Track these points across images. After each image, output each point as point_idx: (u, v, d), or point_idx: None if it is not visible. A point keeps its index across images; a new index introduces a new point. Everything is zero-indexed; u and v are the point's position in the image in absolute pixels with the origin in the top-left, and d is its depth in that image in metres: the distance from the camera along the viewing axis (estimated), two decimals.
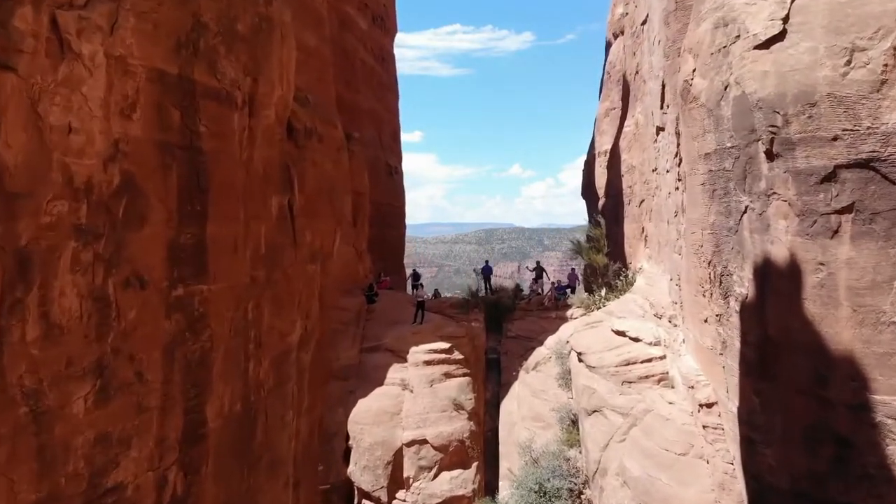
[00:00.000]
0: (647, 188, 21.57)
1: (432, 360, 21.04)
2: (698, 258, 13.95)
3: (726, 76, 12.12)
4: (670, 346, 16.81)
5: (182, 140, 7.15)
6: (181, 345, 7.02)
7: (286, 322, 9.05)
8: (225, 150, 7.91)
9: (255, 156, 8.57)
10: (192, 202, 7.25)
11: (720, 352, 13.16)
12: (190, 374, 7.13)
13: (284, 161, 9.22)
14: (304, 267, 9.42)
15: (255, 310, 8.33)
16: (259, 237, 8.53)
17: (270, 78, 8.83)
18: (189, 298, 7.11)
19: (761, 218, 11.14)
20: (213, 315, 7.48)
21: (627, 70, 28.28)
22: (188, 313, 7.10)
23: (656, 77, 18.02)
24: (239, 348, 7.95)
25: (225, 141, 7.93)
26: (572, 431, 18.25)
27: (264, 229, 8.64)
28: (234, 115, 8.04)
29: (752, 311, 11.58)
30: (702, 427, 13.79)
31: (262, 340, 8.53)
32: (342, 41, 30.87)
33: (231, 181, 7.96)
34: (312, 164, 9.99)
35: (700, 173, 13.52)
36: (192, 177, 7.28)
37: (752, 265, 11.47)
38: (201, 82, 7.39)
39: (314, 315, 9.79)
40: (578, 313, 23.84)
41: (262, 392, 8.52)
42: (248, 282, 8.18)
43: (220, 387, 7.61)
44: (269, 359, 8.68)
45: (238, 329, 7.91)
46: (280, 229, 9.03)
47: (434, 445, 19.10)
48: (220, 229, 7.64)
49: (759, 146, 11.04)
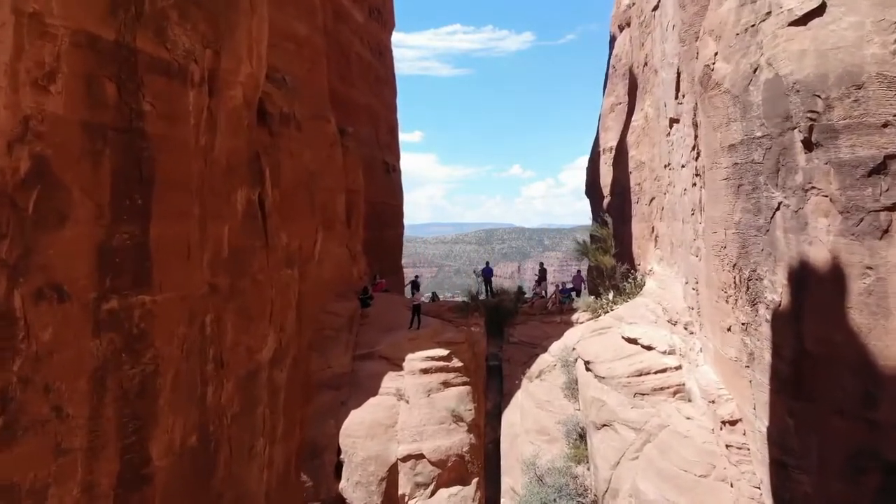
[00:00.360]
0: (657, 185, 20.30)
1: (430, 369, 19.79)
2: (721, 261, 12.71)
3: (755, 58, 10.90)
4: (686, 355, 15.55)
5: (119, 121, 5.89)
6: (115, 370, 5.76)
7: (255, 337, 7.79)
8: (176, 135, 6.65)
9: (216, 143, 7.31)
10: (131, 196, 5.99)
11: (746, 364, 11.92)
12: (127, 406, 5.87)
13: (254, 150, 7.96)
14: (277, 272, 8.17)
15: (215, 324, 7.07)
16: (221, 238, 7.27)
17: (236, 52, 7.57)
18: (126, 313, 5.85)
19: (797, 216, 9.95)
20: (159, 332, 6.22)
21: (634, 62, 27.07)
22: (124, 331, 5.84)
23: (670, 65, 16.77)
24: (193, 370, 6.69)
25: (176, 124, 6.67)
26: (580, 446, 17.00)
27: (227, 229, 7.39)
28: (190, 94, 6.78)
29: (786, 320, 10.36)
30: (724, 446, 12.56)
31: (225, 359, 7.27)
32: (337, 34, 29.61)
33: (183, 172, 6.70)
34: (289, 154, 8.76)
35: (723, 167, 12.29)
36: (132, 166, 6.01)
37: (787, 269, 10.26)
38: (146, 52, 6.13)
39: (290, 327, 8.54)
40: (584, 318, 22.61)
41: (224, 420, 7.26)
42: (205, 291, 6.92)
43: (169, 418, 6.35)
44: (234, 380, 7.42)
45: (192, 347, 6.65)
46: (248, 229, 7.78)
47: (431, 460, 17.85)
48: (168, 229, 6.39)
49: (796, 135, 9.85)
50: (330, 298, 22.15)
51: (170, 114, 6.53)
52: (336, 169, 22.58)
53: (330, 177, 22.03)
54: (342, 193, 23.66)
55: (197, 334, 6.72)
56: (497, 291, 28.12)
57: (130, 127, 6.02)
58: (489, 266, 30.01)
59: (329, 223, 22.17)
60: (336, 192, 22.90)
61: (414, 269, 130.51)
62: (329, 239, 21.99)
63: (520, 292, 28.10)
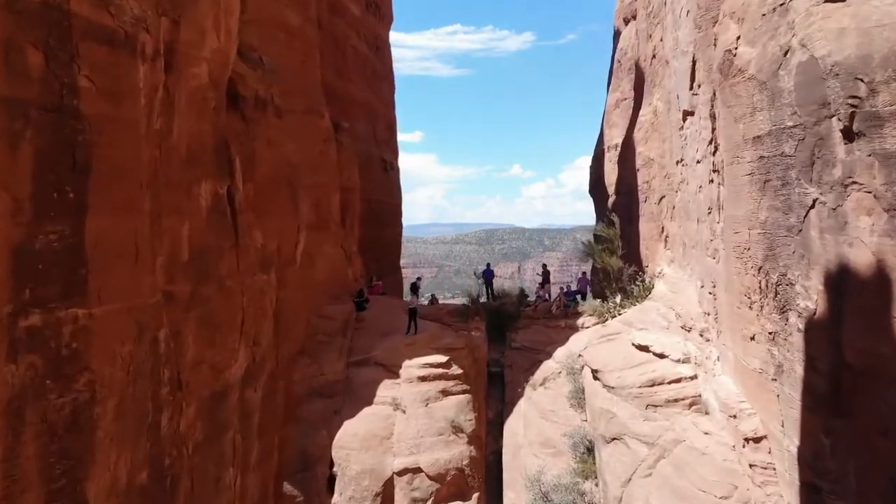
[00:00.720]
0: (668, 183, 19.27)
1: (427, 376, 18.75)
2: (743, 263, 11.69)
3: (786, 39, 9.89)
4: (702, 364, 14.53)
5: (46, 97, 4.85)
6: (37, 400, 4.72)
7: (222, 352, 6.76)
8: (122, 117, 5.61)
9: (174, 127, 6.28)
10: (60, 188, 4.94)
11: (773, 377, 10.90)
12: (54, 442, 4.82)
13: (222, 137, 6.92)
14: (250, 277, 7.14)
15: (171, 339, 6.03)
16: (179, 237, 6.23)
17: (199, 23, 6.53)
18: (52, 330, 4.81)
19: (835, 214, 8.95)
20: (97, 352, 5.18)
21: (641, 56, 26.06)
22: (50, 352, 4.80)
23: (684, 53, 15.74)
24: (143, 395, 5.65)
25: (122, 103, 5.62)
26: (587, 461, 15.97)
27: (188, 227, 6.35)
28: (140, 68, 5.73)
29: (821, 329, 9.36)
30: (748, 466, 11.56)
31: (185, 380, 6.23)
32: (332, 26, 28.58)
33: (131, 159, 5.66)
34: (266, 143, 7.72)
35: (747, 161, 11.28)
36: (62, 151, 4.97)
37: (823, 273, 9.26)
38: (82, 16, 5.07)
39: (266, 339, 7.51)
40: (590, 322, 21.56)
41: (184, 451, 6.22)
42: (159, 300, 5.88)
43: (111, 453, 5.31)
44: (196, 404, 6.39)
45: (142, 368, 5.61)
46: (214, 227, 6.74)
47: (429, 474, 16.82)
48: (111, 226, 5.34)
49: (834, 123, 8.86)
50: (323, 301, 21.09)
51: (114, 91, 5.48)
52: (330, 165, 21.53)
53: (323, 173, 20.98)
54: (336, 191, 22.60)
55: (147, 352, 5.68)
56: (499, 294, 27.02)
57: (61, 105, 4.98)
58: (490, 267, 28.91)
59: (322, 222, 21.13)
60: (330, 190, 21.84)
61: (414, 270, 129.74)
62: (322, 239, 20.95)
63: (522, 295, 26.97)
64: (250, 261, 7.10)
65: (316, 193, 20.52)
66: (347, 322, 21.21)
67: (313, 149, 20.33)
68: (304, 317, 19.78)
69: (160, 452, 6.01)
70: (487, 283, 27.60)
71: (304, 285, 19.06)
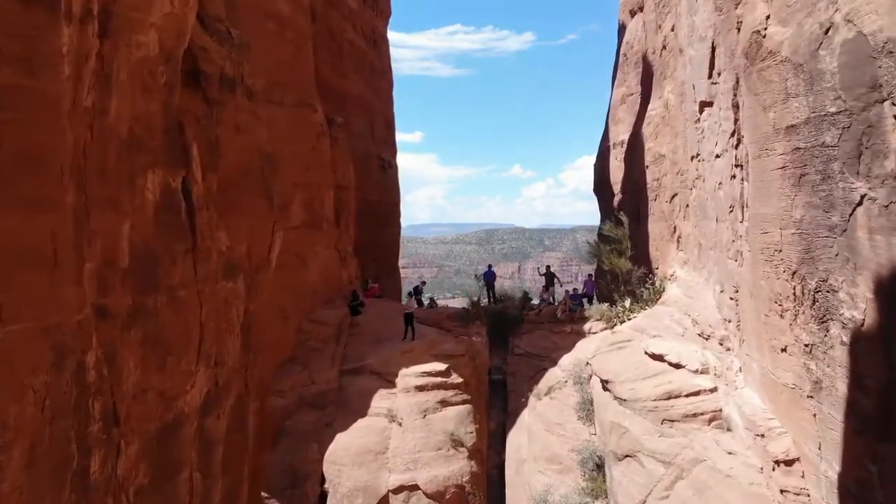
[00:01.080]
0: (681, 180, 18.14)
1: (425, 385, 17.65)
2: (773, 267, 10.58)
3: (827, 14, 8.77)
4: (722, 375, 13.42)
5: None
6: None
7: (174, 376, 5.65)
8: (38, 89, 4.49)
9: (112, 105, 5.17)
10: None
11: (808, 393, 9.79)
12: None
13: (177, 119, 5.80)
14: (212, 286, 6.03)
15: (104, 364, 4.91)
16: (117, 239, 5.12)
17: None
18: None
19: (888, 212, 7.84)
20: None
21: (649, 48, 24.95)
22: None
23: (701, 39, 14.62)
24: (65, 436, 4.53)
25: (39, 73, 4.50)
26: (597, 479, 14.84)
27: (129, 227, 5.23)
28: (64, 31, 4.62)
29: (870, 343, 8.24)
30: (778, 491, 10.45)
31: (123, 413, 5.12)
32: (327, 19, 27.46)
33: (50, 142, 4.54)
34: (235, 129, 6.63)
35: (778, 154, 10.18)
36: None
37: (873, 279, 8.13)
38: None
39: (233, 357, 6.39)
40: (598, 327, 20.43)
41: (123, 499, 5.08)
42: (87, 317, 4.76)
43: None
44: (140, 442, 5.27)
45: (61, 403, 4.49)
46: (165, 227, 5.62)
47: (427, 492, 15.71)
48: (17, 227, 4.24)
49: (886, 108, 7.76)
50: (316, 305, 20.00)
51: (23, 56, 4.36)
52: (323, 162, 20.41)
53: (316, 170, 19.86)
54: (330, 189, 21.48)
55: (70, 382, 4.57)
56: (501, 297, 25.87)
57: None
58: (491, 269, 27.77)
59: (315, 222, 20.01)
60: (323, 188, 20.72)
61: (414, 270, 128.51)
62: (314, 239, 19.83)
63: (525, 297, 25.83)
64: (211, 266, 6.00)
65: (308, 191, 19.41)
66: (341, 327, 20.12)
67: (305, 144, 19.22)
68: (295, 321, 18.66)
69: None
70: (489, 286, 26.49)
71: (295, 288, 17.95)
